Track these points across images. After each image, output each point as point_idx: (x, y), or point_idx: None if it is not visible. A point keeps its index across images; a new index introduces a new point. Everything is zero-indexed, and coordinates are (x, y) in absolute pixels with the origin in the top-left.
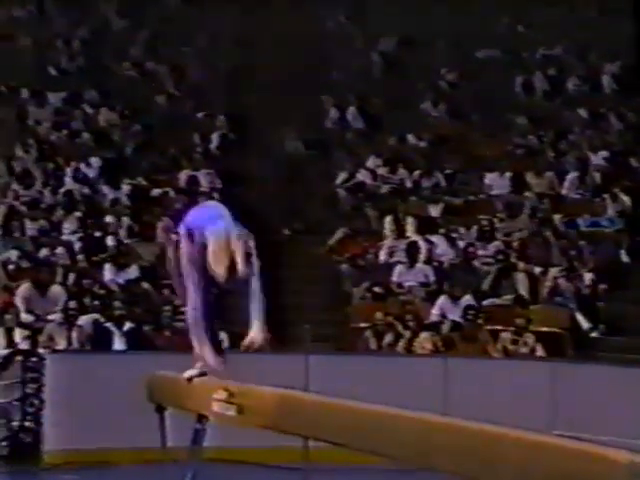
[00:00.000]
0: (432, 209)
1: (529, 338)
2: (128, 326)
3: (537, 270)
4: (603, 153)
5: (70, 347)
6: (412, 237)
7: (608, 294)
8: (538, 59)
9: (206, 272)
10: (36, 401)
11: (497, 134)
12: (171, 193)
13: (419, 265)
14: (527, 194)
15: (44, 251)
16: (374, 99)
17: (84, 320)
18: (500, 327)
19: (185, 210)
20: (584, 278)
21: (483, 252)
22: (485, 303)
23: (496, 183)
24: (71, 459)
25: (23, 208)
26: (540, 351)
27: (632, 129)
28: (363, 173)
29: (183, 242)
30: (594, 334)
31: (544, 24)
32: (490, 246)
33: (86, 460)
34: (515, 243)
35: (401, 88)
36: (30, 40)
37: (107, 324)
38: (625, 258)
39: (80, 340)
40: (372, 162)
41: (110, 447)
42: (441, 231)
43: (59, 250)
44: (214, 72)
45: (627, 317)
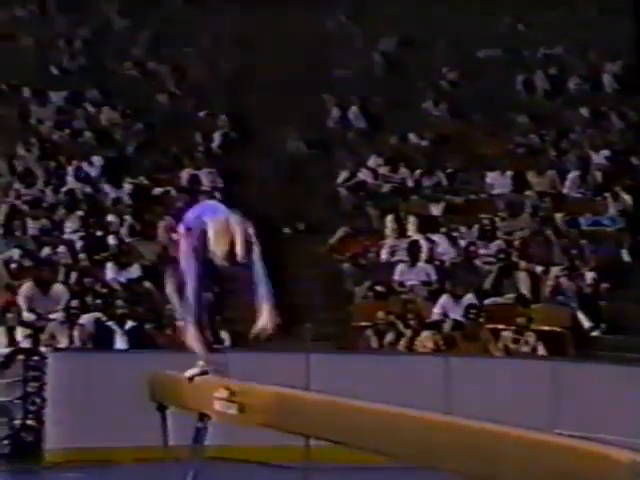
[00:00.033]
0: (433, 208)
1: (530, 337)
2: (130, 325)
3: (538, 269)
4: (604, 152)
5: (72, 346)
6: (413, 236)
7: (609, 293)
8: (539, 58)
9: (205, 260)
10: (38, 400)
11: (498, 133)
12: (173, 192)
13: (420, 264)
14: (528, 193)
15: (46, 250)
16: (375, 98)
17: (86, 319)
18: (501, 326)
19: (186, 209)
20: (585, 277)
21: (484, 251)
22: (486, 302)
23: (497, 182)
24: (73, 457)
25: (25, 207)
26: (541, 350)
27: (633, 128)
28: (364, 172)
29: (182, 241)
30: (595, 333)
31: (545, 23)
32: (491, 245)
33: (88, 458)
34: (516, 242)
35: (402, 87)
36: (32, 40)
37: (109, 323)
38: (626, 257)
39: (82, 339)
40: (373, 161)
41: (112, 446)
42: (442, 230)
43: (61, 249)
44: (216, 71)
45: (628, 316)
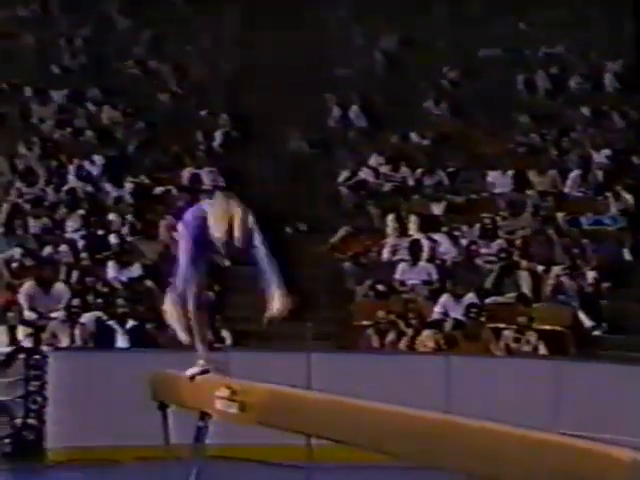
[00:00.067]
0: (434, 207)
1: (532, 336)
2: (131, 324)
3: (540, 268)
4: (605, 151)
5: (73, 345)
6: (415, 235)
7: (611, 292)
8: (540, 57)
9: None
10: (39, 398)
11: (499, 132)
12: (174, 191)
13: (422, 263)
14: (529, 192)
15: (47, 249)
16: (376, 97)
17: (87, 318)
18: (503, 325)
19: (186, 208)
20: (587, 276)
21: (486, 250)
22: (488, 301)
23: (498, 181)
24: (74, 456)
25: (26, 206)
26: (542, 349)
27: (634, 127)
28: (365, 171)
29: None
30: (597, 332)
31: (546, 23)
32: (493, 244)
33: (89, 457)
34: (518, 241)
35: (403, 86)
36: (33, 39)
37: (110, 322)
38: (628, 256)
39: (83, 338)
40: (374, 160)
41: (113, 445)
42: (444, 229)
43: (62, 248)
44: (217, 70)
45: (630, 315)
